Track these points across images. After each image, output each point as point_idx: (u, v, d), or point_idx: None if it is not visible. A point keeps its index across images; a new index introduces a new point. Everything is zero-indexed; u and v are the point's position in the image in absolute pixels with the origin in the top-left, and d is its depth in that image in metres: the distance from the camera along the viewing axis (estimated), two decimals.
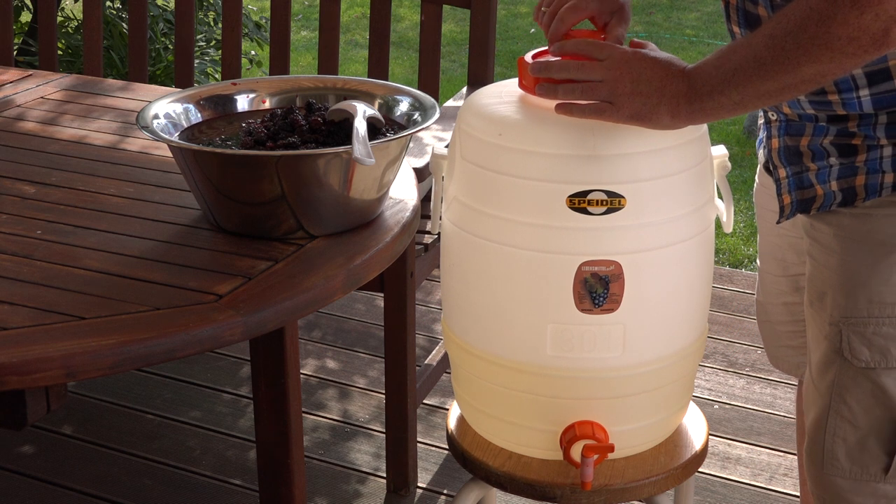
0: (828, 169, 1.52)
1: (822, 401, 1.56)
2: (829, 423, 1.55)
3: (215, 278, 1.50)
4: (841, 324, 1.52)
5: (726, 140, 4.94)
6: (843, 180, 1.51)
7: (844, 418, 1.54)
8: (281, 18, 2.86)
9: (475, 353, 1.66)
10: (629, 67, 1.46)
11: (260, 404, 1.95)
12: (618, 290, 1.54)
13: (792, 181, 1.57)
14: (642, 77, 1.45)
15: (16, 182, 1.85)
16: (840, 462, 1.56)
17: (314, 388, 2.92)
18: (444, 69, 5.90)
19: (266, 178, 1.56)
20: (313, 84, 1.83)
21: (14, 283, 1.50)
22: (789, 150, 1.57)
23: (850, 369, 1.52)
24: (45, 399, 1.41)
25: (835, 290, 1.52)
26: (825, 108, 1.51)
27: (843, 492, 1.57)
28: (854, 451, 1.54)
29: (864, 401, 1.52)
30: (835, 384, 1.54)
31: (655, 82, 1.45)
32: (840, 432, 1.55)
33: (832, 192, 1.52)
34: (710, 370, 3.00)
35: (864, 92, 1.46)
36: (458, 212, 1.63)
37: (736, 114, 1.47)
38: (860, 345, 1.51)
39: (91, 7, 2.98)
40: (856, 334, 1.51)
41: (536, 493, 1.65)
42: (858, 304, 1.50)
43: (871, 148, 1.49)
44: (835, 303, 1.52)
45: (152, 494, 2.52)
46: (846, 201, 1.51)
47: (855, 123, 1.49)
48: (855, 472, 1.55)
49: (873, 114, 1.48)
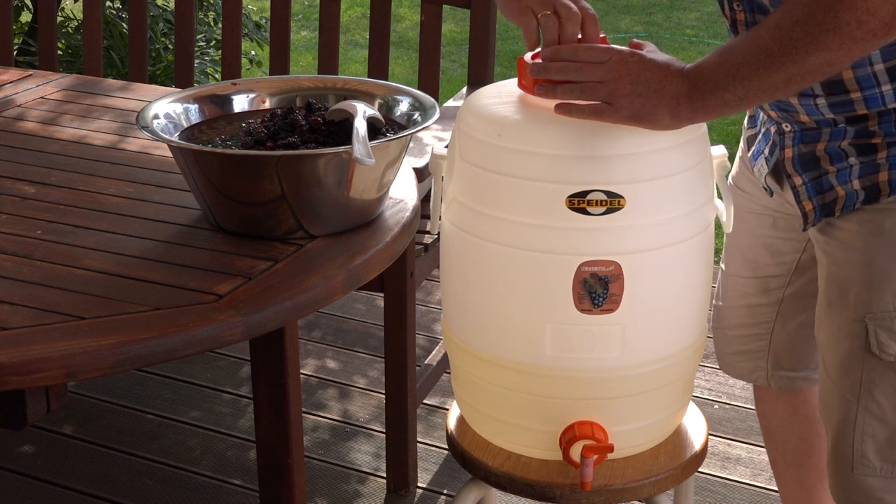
0: (848, 169, 1.52)
1: (846, 400, 1.56)
2: (858, 422, 1.55)
3: (215, 278, 1.50)
4: (867, 319, 1.52)
5: (726, 140, 4.93)
6: (866, 178, 1.50)
7: (874, 415, 1.54)
8: (281, 18, 2.86)
9: (475, 354, 1.66)
10: (628, 69, 1.46)
11: (260, 404, 1.95)
12: (617, 290, 1.54)
13: (811, 187, 1.56)
14: (641, 78, 1.45)
15: (16, 182, 1.85)
16: (871, 461, 1.55)
17: (314, 388, 2.92)
18: (444, 69, 5.89)
19: (266, 178, 1.56)
20: (313, 84, 1.83)
21: (14, 283, 1.50)
22: (804, 157, 1.57)
23: (878, 365, 1.52)
24: (45, 399, 1.41)
25: (858, 286, 1.52)
26: (845, 109, 1.50)
27: (875, 491, 1.56)
28: (884, 449, 1.54)
29: (893, 396, 1.52)
30: (863, 381, 1.53)
31: (654, 83, 1.45)
32: (870, 430, 1.54)
33: (854, 191, 1.52)
34: (710, 370, 3.00)
35: (887, 87, 1.46)
36: (458, 212, 1.63)
37: (738, 110, 1.46)
38: (889, 339, 1.50)
39: (91, 7, 2.98)
40: (883, 329, 1.51)
41: (536, 494, 1.65)
42: (885, 298, 1.50)
43: (891, 144, 1.49)
44: (858, 299, 1.52)
45: (152, 494, 2.52)
46: (870, 198, 1.51)
47: (875, 122, 1.49)
48: (886, 470, 1.55)
49: (893, 111, 1.48)
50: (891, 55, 1.45)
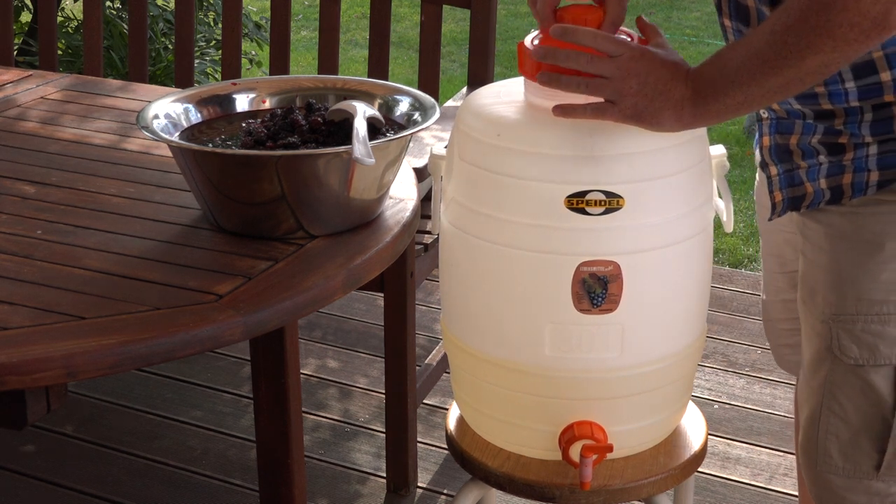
0: (817, 167, 1.53)
1: (814, 398, 1.57)
2: (822, 421, 1.56)
3: (215, 278, 1.50)
4: (831, 321, 1.52)
5: (726, 140, 4.94)
6: (832, 178, 1.51)
7: (837, 415, 1.55)
8: (281, 18, 2.86)
9: (474, 354, 1.66)
10: (638, 67, 1.44)
11: (260, 404, 1.95)
12: (616, 290, 1.55)
13: (783, 178, 1.57)
14: (649, 78, 1.44)
15: (16, 182, 1.85)
16: (834, 459, 1.56)
17: (314, 387, 2.92)
18: (444, 69, 5.89)
19: (266, 178, 1.56)
20: (313, 84, 1.83)
21: (14, 283, 1.50)
22: (780, 149, 1.58)
23: (840, 366, 1.53)
24: (45, 399, 1.41)
25: (825, 287, 1.53)
26: (811, 102, 1.51)
27: (837, 489, 1.57)
28: (847, 449, 1.55)
29: (854, 398, 1.53)
30: (826, 381, 1.54)
31: (661, 85, 1.44)
32: (833, 429, 1.55)
33: (821, 189, 1.52)
34: (710, 370, 3.00)
35: (850, 84, 1.47)
36: (457, 212, 1.63)
37: (741, 114, 1.46)
38: (849, 342, 1.51)
39: (91, 7, 2.98)
40: (845, 332, 1.51)
41: (535, 494, 1.66)
42: (847, 301, 1.51)
43: (857, 146, 1.50)
44: (825, 300, 1.53)
45: (152, 494, 2.52)
46: (834, 199, 1.51)
47: (841, 121, 1.50)
48: (848, 470, 1.55)
49: (859, 109, 1.48)
50: None
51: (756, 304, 3.32)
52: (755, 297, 3.37)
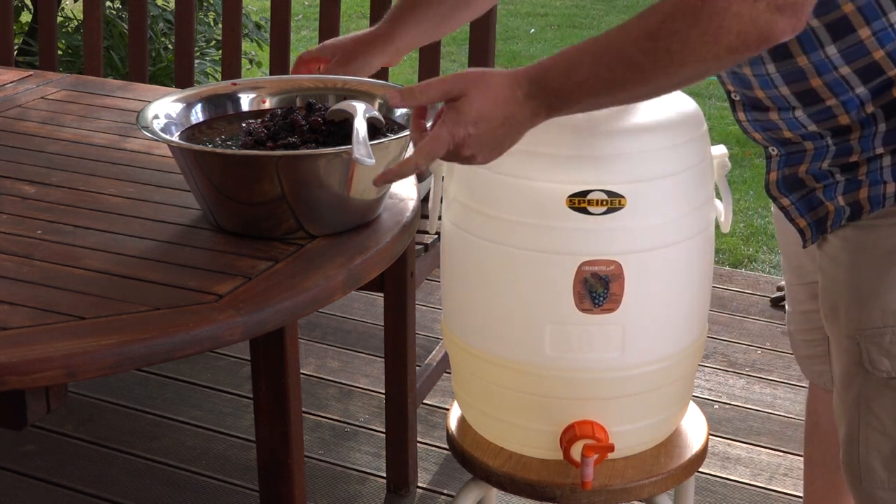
0: (833, 185, 1.52)
1: (850, 414, 1.56)
2: (862, 436, 1.54)
3: (215, 278, 1.50)
4: (858, 336, 1.51)
5: (726, 140, 4.93)
6: (849, 195, 1.50)
7: (875, 430, 1.53)
8: (281, 18, 2.86)
9: (475, 354, 1.66)
10: (471, 143, 1.39)
11: (260, 404, 1.95)
12: (618, 289, 1.54)
13: (799, 206, 1.56)
14: (483, 140, 1.39)
15: (16, 182, 1.85)
16: (878, 474, 1.54)
17: (314, 387, 2.92)
18: (444, 69, 5.88)
19: (266, 178, 1.56)
20: (313, 84, 1.83)
21: (14, 283, 1.50)
22: (788, 180, 1.57)
23: (872, 380, 1.52)
24: (45, 399, 1.41)
25: (847, 302, 1.52)
26: (826, 117, 1.49)
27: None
28: (890, 462, 1.53)
29: (891, 410, 1.51)
30: (861, 396, 1.53)
31: (501, 134, 1.38)
32: (874, 444, 1.54)
33: (841, 206, 1.51)
34: (710, 370, 3.00)
35: (861, 89, 1.46)
36: (458, 212, 1.63)
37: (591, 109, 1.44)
38: (879, 355, 1.50)
39: (91, 7, 2.98)
40: (874, 345, 1.50)
41: (536, 493, 1.65)
42: (873, 315, 1.50)
43: (870, 160, 1.48)
44: (849, 315, 1.52)
45: (152, 494, 2.52)
46: (854, 215, 1.50)
47: (857, 135, 1.49)
48: (894, 483, 1.54)
49: (873, 118, 1.47)
50: (852, 56, 1.43)
51: (756, 303, 3.33)
52: (755, 297, 3.37)
